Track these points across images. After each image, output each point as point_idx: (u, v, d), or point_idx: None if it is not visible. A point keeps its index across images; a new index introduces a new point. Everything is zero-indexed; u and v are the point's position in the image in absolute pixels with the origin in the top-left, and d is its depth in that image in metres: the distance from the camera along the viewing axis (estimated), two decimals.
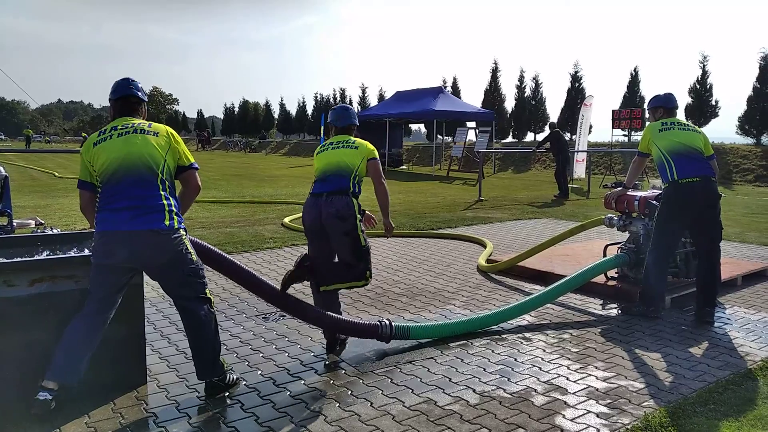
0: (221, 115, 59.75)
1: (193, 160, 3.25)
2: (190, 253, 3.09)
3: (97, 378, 3.05)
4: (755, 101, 21.53)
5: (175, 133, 3.22)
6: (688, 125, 4.66)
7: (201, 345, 3.11)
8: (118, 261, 2.96)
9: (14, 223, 5.65)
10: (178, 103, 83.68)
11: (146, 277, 3.20)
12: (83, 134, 58.77)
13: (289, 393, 3.18)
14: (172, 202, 3.09)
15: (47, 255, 3.32)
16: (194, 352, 3.14)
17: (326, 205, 3.60)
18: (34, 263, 3.01)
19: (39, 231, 4.31)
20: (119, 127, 3.08)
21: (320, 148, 3.89)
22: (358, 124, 4.01)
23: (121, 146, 3.02)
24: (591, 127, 26.12)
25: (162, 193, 3.05)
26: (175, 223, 3.05)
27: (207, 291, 3.14)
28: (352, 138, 3.88)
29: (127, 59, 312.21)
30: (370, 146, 3.85)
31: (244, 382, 3.30)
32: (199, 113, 65.46)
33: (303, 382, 3.33)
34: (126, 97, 3.17)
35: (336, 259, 3.81)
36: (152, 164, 3.04)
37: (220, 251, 3.47)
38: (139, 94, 3.20)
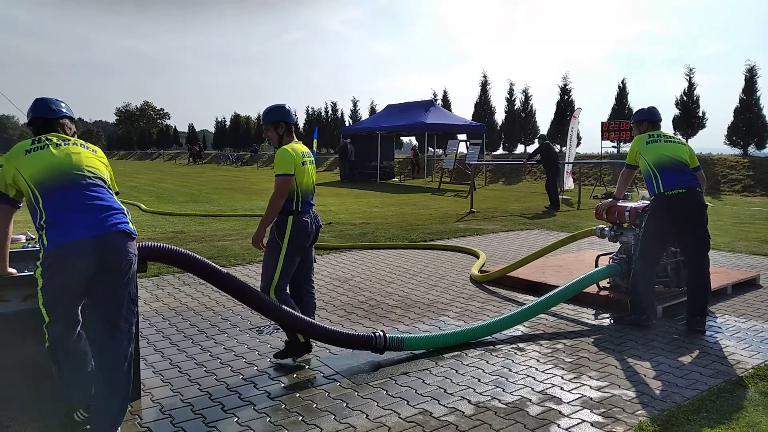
0: (212, 129, 59.70)
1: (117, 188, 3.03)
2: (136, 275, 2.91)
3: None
4: (741, 112, 21.85)
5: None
6: (673, 138, 4.76)
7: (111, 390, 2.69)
8: (78, 277, 2.63)
9: None
10: (169, 118, 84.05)
11: (139, 292, 3.17)
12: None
13: (284, 406, 3.18)
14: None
15: None
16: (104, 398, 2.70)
17: (316, 220, 3.94)
18: (27, 278, 2.99)
19: (30, 246, 4.29)
20: (54, 140, 2.83)
21: (300, 159, 3.79)
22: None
23: (64, 155, 2.78)
24: (580, 139, 26.31)
25: (117, 200, 2.88)
26: (135, 231, 2.89)
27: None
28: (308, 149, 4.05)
29: (116, 74, 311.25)
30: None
31: (238, 395, 3.28)
32: (191, 127, 65.38)
33: (298, 395, 3.33)
34: (51, 119, 2.90)
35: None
36: (100, 174, 2.87)
37: (213, 263, 3.47)
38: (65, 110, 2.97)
